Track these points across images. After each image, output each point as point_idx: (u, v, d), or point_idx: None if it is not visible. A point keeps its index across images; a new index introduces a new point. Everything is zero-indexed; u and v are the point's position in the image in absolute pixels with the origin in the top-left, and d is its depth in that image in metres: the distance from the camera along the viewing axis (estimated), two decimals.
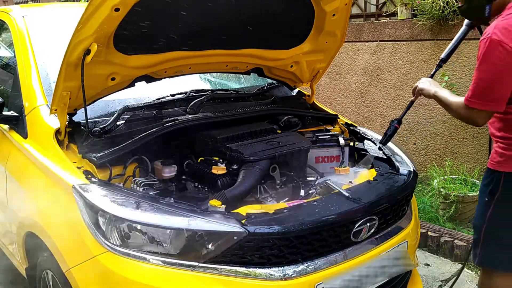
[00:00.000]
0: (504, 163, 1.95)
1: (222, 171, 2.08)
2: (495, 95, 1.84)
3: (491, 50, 1.78)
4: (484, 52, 1.80)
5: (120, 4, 1.73)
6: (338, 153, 2.40)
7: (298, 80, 2.87)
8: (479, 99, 1.85)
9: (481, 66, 1.83)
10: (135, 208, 1.71)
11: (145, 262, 1.67)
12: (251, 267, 1.69)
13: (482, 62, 1.82)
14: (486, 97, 1.84)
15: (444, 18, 3.93)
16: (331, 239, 1.83)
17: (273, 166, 2.15)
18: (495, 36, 1.77)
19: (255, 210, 1.80)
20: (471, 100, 1.87)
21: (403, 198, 2.14)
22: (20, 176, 2.26)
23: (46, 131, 2.11)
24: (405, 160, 2.39)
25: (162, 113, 2.26)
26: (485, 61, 1.81)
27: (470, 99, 1.87)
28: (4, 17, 2.85)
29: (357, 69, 4.76)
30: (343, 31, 2.52)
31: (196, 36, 2.17)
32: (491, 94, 1.84)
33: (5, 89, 2.71)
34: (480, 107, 1.86)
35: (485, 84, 1.83)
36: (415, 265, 2.26)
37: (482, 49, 1.81)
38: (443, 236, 3.29)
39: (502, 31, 1.77)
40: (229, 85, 3.12)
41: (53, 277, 2.01)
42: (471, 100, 1.87)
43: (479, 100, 1.85)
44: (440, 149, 4.19)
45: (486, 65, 1.81)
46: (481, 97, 1.85)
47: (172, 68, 2.31)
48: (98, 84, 2.07)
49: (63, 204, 1.88)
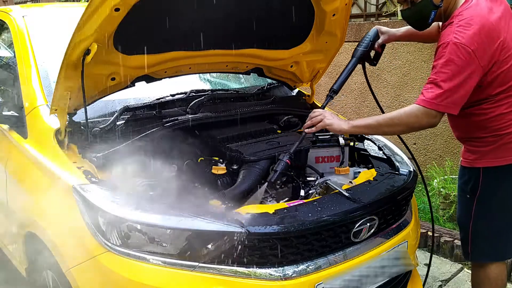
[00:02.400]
0: (480, 159, 2.00)
1: (222, 171, 2.08)
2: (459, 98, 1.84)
3: (453, 52, 1.79)
4: (448, 55, 1.80)
5: (120, 4, 1.73)
6: (338, 153, 2.40)
7: (298, 80, 2.87)
8: (441, 101, 1.85)
9: (443, 68, 1.82)
10: (135, 208, 1.71)
11: (145, 262, 1.67)
12: (251, 267, 1.69)
13: (445, 64, 1.81)
14: (450, 99, 1.84)
15: None
16: (331, 239, 1.83)
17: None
18: (456, 40, 1.79)
19: (255, 210, 1.80)
20: (433, 102, 1.85)
21: (403, 198, 2.14)
22: (20, 176, 2.26)
23: (46, 131, 2.11)
24: (405, 160, 2.40)
25: (162, 113, 2.26)
26: (448, 64, 1.81)
27: (433, 100, 1.85)
28: (4, 17, 2.85)
29: (357, 69, 4.74)
30: (343, 31, 2.52)
31: (196, 36, 2.16)
32: (455, 97, 1.84)
33: (5, 89, 2.71)
34: (441, 110, 1.87)
35: (450, 87, 1.82)
36: (415, 265, 2.26)
37: (444, 52, 1.81)
38: (443, 236, 3.29)
39: (462, 35, 1.79)
40: (229, 85, 3.12)
41: (53, 277, 2.02)
42: (433, 102, 1.85)
43: (441, 102, 1.85)
44: (440, 149, 4.19)
45: (449, 68, 1.81)
46: (443, 100, 1.84)
47: (172, 68, 2.31)
48: (98, 84, 2.07)
49: (63, 204, 1.88)
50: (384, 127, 1.98)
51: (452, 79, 1.81)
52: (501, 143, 1.94)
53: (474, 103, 1.94)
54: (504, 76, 1.88)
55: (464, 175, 2.11)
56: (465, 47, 1.78)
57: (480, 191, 2.03)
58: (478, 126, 1.97)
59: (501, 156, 1.96)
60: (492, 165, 1.98)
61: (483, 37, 1.80)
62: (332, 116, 2.09)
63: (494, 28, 1.83)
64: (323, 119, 2.07)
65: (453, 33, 1.82)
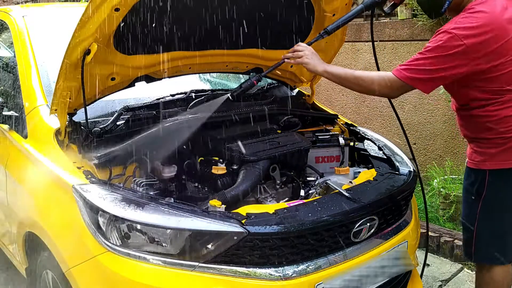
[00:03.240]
0: (487, 161, 1.97)
1: (222, 171, 2.08)
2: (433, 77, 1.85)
3: (446, 40, 1.79)
4: (438, 41, 1.81)
5: (120, 4, 1.73)
6: (338, 153, 2.41)
7: (298, 80, 2.87)
8: (413, 73, 1.85)
9: (430, 51, 1.83)
10: (135, 208, 1.71)
11: (145, 262, 1.67)
12: (251, 267, 1.69)
13: (434, 48, 1.82)
14: (421, 75, 1.85)
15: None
16: (331, 239, 1.83)
17: (273, 166, 2.15)
18: (454, 29, 1.79)
19: (255, 210, 1.80)
20: (404, 73, 1.86)
21: (403, 198, 2.14)
22: (20, 176, 2.26)
23: (46, 131, 2.11)
24: (405, 160, 2.40)
25: (162, 113, 2.26)
26: (436, 49, 1.81)
27: (404, 72, 1.86)
28: (4, 17, 2.85)
29: (357, 69, 4.75)
30: (343, 31, 2.52)
31: (196, 36, 2.16)
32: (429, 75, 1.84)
33: (5, 89, 2.71)
34: (410, 83, 1.87)
35: (428, 65, 1.83)
36: (415, 265, 2.26)
37: (438, 37, 1.82)
38: (443, 236, 3.29)
39: (462, 26, 1.79)
40: (229, 85, 3.12)
41: (53, 277, 2.01)
42: (404, 73, 1.86)
43: (413, 75, 1.85)
44: (440, 149, 4.19)
45: (436, 51, 1.82)
46: (416, 73, 1.85)
47: (172, 68, 2.31)
48: (98, 84, 2.06)
49: (63, 204, 1.88)
50: (348, 83, 2.01)
51: (433, 61, 1.81)
52: (509, 146, 1.92)
53: (479, 104, 1.92)
54: (510, 77, 1.85)
55: (469, 176, 2.08)
56: (460, 39, 1.77)
57: (485, 193, 2.00)
58: (485, 127, 1.95)
59: (508, 158, 1.93)
60: (498, 167, 1.95)
61: (485, 34, 1.78)
62: (312, 55, 2.08)
63: (502, 27, 1.80)
64: (303, 56, 2.08)
65: (454, 22, 1.82)
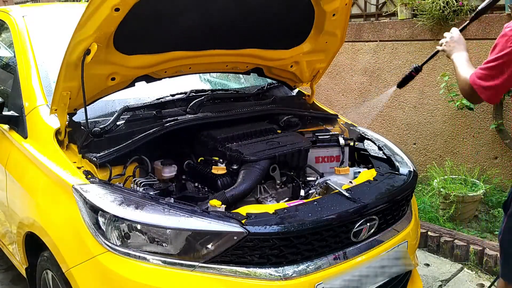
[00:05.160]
0: None
1: (222, 171, 2.08)
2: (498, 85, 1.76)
3: (504, 42, 1.72)
4: (498, 43, 1.75)
5: (120, 4, 1.73)
6: (338, 153, 2.40)
7: (298, 80, 2.87)
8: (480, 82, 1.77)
9: (491, 55, 1.76)
10: (135, 208, 1.71)
11: (145, 262, 1.67)
12: (251, 267, 1.69)
13: (492, 51, 1.76)
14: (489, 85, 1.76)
15: (444, 18, 3.92)
16: (331, 239, 1.83)
17: (273, 166, 2.15)
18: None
19: (255, 210, 1.80)
20: (475, 81, 1.79)
21: (403, 198, 2.14)
22: (20, 176, 2.26)
23: (46, 131, 2.11)
24: (405, 160, 2.39)
25: (162, 113, 2.26)
26: (494, 49, 1.76)
27: (476, 80, 1.79)
28: (4, 17, 2.86)
29: (357, 69, 4.76)
30: (343, 31, 2.52)
31: (196, 36, 2.16)
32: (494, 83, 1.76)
33: (5, 89, 2.71)
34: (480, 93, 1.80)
35: (494, 73, 1.75)
36: (415, 265, 2.26)
37: (497, 41, 1.76)
38: (443, 236, 3.29)
39: None
40: (229, 85, 3.12)
41: (53, 277, 2.01)
42: (475, 81, 1.79)
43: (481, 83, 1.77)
44: (440, 149, 4.19)
45: (495, 54, 1.75)
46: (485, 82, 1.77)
47: (172, 68, 2.31)
48: (98, 84, 2.07)
49: (63, 204, 1.88)
50: (457, 78, 1.96)
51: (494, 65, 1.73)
52: None
53: None
54: None
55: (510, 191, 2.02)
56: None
57: (510, 209, 1.95)
58: None
59: None
60: None
61: None
62: (450, 42, 2.08)
63: None
64: (443, 44, 2.12)
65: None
